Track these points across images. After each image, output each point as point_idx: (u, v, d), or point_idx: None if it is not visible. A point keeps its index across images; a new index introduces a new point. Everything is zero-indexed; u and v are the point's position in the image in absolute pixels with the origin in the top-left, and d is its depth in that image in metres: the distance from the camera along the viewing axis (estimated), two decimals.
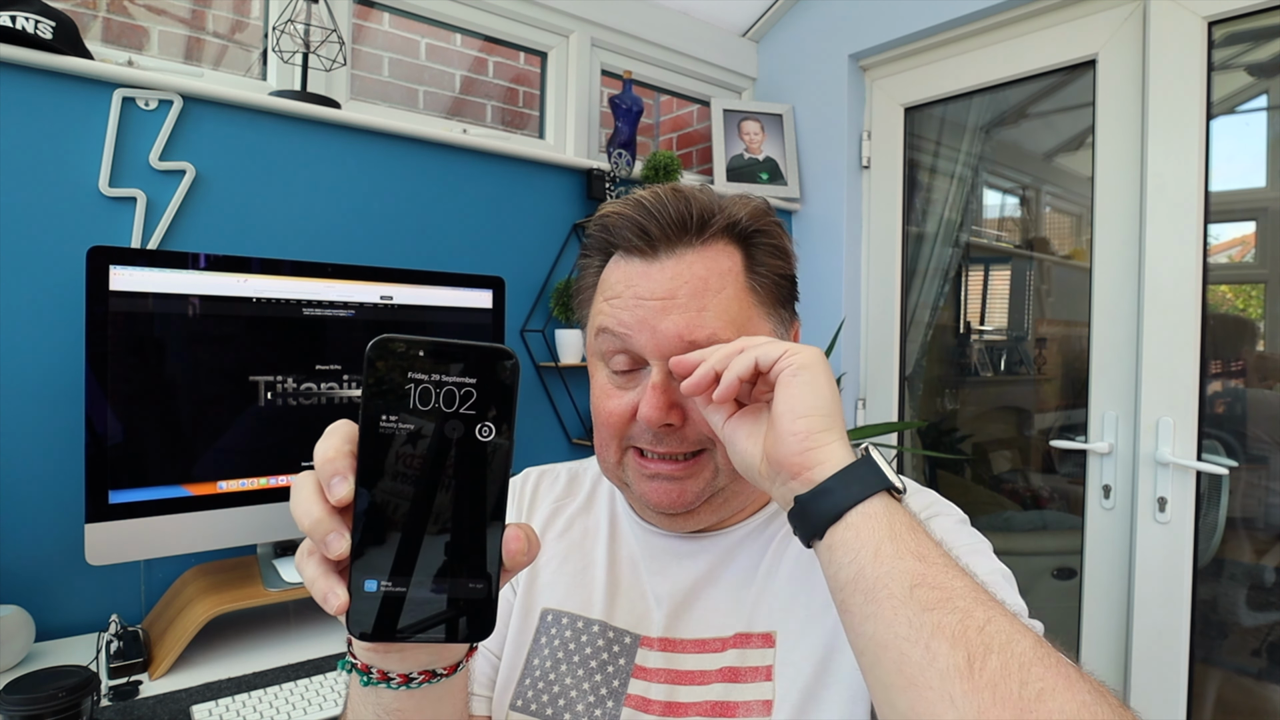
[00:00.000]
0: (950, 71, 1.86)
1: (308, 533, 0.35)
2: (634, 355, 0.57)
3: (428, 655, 0.40)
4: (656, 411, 0.55)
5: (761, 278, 0.59)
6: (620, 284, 0.58)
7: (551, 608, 0.65)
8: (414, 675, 0.40)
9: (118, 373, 1.02)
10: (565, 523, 0.69)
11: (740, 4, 2.13)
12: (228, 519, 1.10)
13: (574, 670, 0.60)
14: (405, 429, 0.34)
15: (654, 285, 0.56)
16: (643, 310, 0.56)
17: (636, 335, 0.56)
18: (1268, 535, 1.45)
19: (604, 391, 0.60)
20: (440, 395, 0.34)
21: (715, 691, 0.56)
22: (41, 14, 1.13)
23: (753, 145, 2.10)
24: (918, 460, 2.08)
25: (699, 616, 0.60)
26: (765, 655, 0.56)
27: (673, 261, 0.57)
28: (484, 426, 0.34)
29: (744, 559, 0.62)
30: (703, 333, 0.55)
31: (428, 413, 0.34)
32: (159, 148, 1.25)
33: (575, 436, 1.82)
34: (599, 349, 0.60)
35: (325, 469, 0.35)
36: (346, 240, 1.47)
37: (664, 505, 0.58)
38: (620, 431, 0.59)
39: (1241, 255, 1.49)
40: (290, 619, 1.21)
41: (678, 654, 0.59)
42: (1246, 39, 1.43)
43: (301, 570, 0.36)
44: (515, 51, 2.02)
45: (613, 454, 0.61)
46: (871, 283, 2.05)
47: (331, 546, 0.34)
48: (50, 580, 1.16)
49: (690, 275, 0.56)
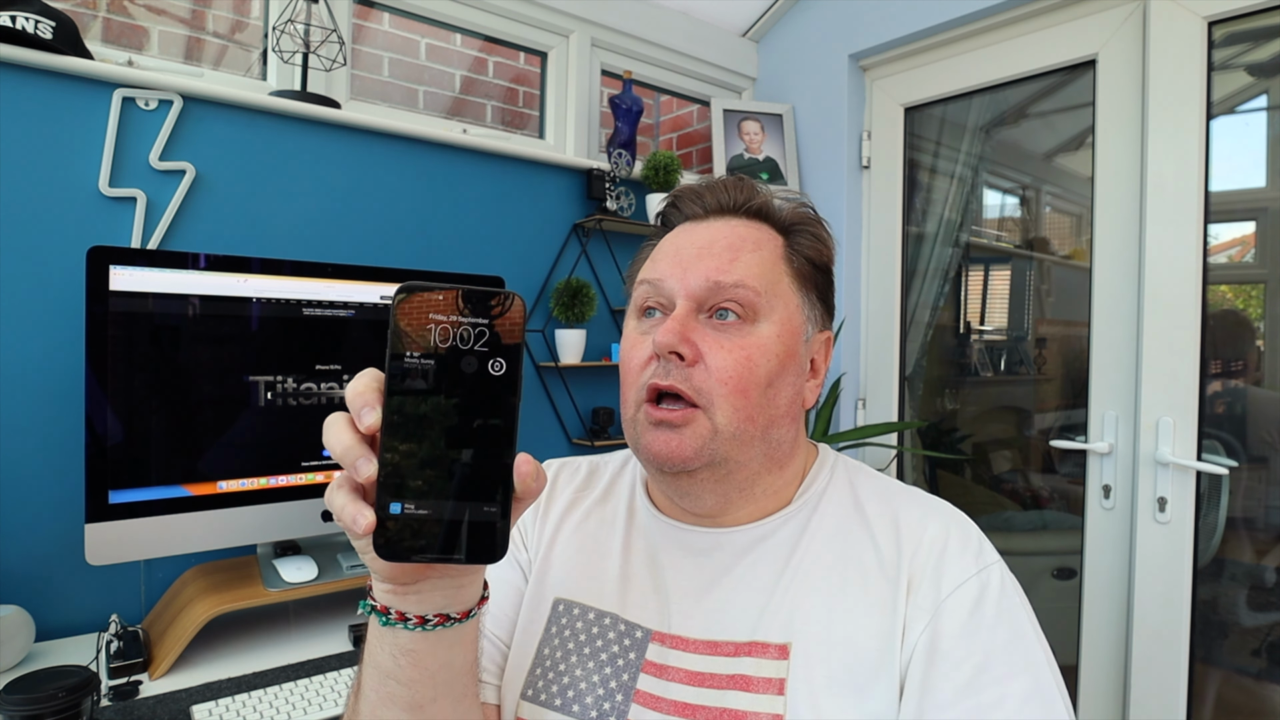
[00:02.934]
0: (950, 71, 1.86)
1: (340, 459, 0.38)
2: (665, 299, 0.61)
3: (442, 598, 0.43)
4: (670, 335, 0.56)
5: (798, 257, 0.64)
6: (668, 243, 0.64)
7: (564, 597, 0.64)
8: (429, 617, 0.43)
9: (118, 373, 1.02)
10: (582, 514, 0.69)
11: (740, 4, 2.13)
12: (228, 519, 1.10)
13: (584, 662, 0.60)
14: (426, 364, 0.37)
15: (696, 238, 0.62)
16: (680, 256, 0.61)
17: (669, 278, 0.60)
18: (1268, 535, 1.45)
19: (630, 341, 0.62)
20: (457, 334, 0.38)
21: (727, 699, 0.55)
22: (41, 14, 1.13)
23: (753, 145, 2.10)
24: (918, 460, 2.08)
25: (713, 615, 0.59)
26: (779, 668, 0.55)
27: (719, 223, 0.64)
28: (495, 361, 0.38)
29: (763, 561, 0.61)
30: (730, 277, 0.59)
31: (446, 350, 0.38)
32: (159, 148, 1.25)
33: (575, 436, 1.82)
34: (634, 302, 0.64)
35: (356, 401, 0.38)
36: (347, 240, 1.47)
37: (663, 457, 0.58)
38: (636, 377, 0.60)
39: (1241, 255, 1.49)
40: (290, 619, 1.21)
41: (688, 653, 0.58)
42: (1246, 39, 1.43)
43: (332, 501, 0.39)
44: (515, 51, 2.03)
45: (630, 405, 0.61)
46: (871, 283, 2.05)
47: (361, 469, 0.37)
48: (50, 580, 1.16)
49: (730, 233, 0.62)
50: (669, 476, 0.60)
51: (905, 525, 0.59)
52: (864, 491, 0.64)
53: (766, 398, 0.59)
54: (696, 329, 0.58)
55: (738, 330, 0.58)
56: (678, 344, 0.56)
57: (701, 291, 0.59)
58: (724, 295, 0.58)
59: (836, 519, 0.61)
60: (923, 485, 2.10)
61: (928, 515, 0.60)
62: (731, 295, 0.58)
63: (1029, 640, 0.53)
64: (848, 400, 2.06)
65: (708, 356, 0.57)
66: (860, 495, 0.63)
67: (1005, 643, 0.52)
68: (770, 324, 0.59)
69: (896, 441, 2.02)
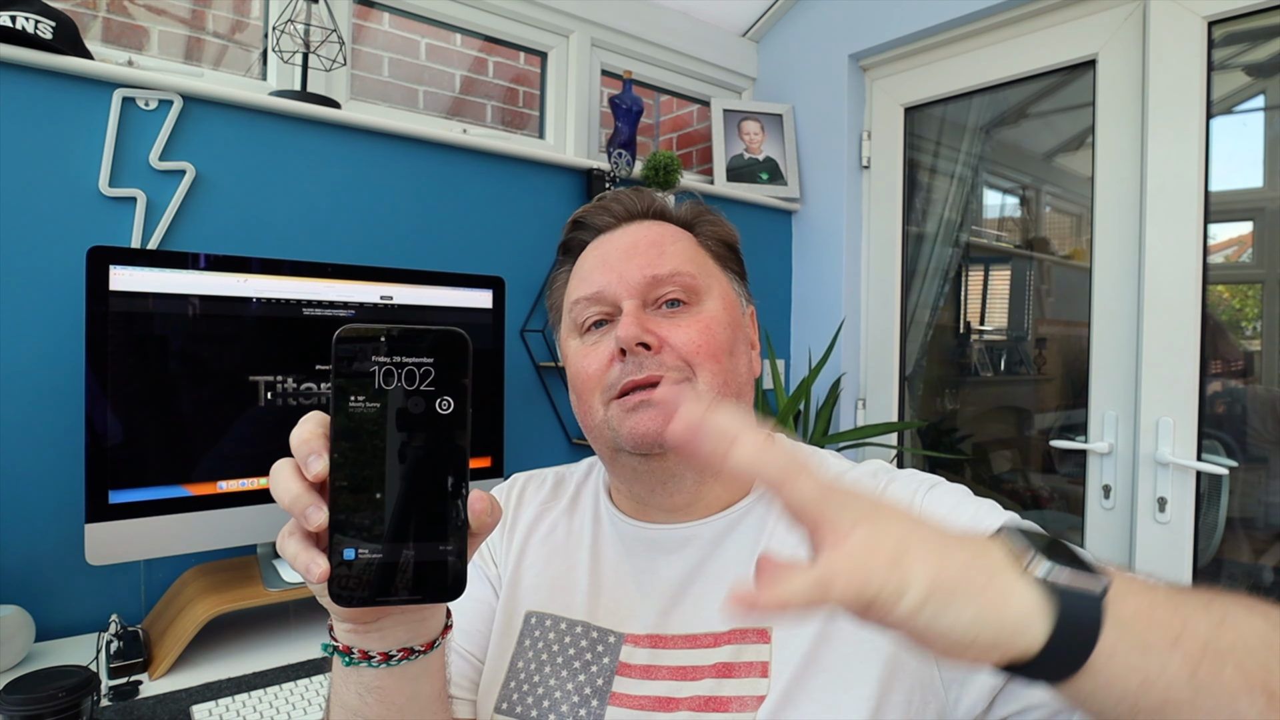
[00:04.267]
0: (950, 71, 1.86)
1: (288, 509, 0.38)
2: (608, 307, 0.63)
3: (405, 632, 0.43)
4: (632, 328, 0.58)
5: (710, 241, 0.69)
6: (588, 258, 0.67)
7: (535, 610, 0.65)
8: (393, 653, 0.42)
9: (118, 373, 1.02)
10: (549, 526, 0.70)
11: (740, 4, 2.13)
12: (228, 519, 1.10)
13: (557, 671, 0.60)
14: (372, 407, 0.37)
15: (618, 243, 0.65)
16: (609, 263, 0.64)
17: (607, 285, 0.62)
18: (1267, 535, 1.46)
19: (580, 354, 0.64)
20: (402, 375, 0.37)
21: (706, 686, 0.56)
22: (41, 14, 1.13)
23: (753, 145, 2.10)
24: (918, 460, 2.08)
25: (689, 611, 0.60)
26: (761, 651, 0.56)
27: (632, 228, 0.67)
28: (442, 400, 0.38)
29: (733, 549, 0.61)
30: (665, 268, 0.62)
31: (391, 391, 0.37)
32: (159, 148, 1.25)
33: (575, 436, 1.82)
34: (573, 320, 0.65)
35: (302, 449, 0.38)
36: (346, 240, 1.47)
37: (650, 435, 0.58)
38: (599, 381, 0.61)
39: (1238, 255, 1.49)
40: (290, 619, 1.21)
41: (667, 650, 0.59)
42: (1244, 39, 1.43)
43: (283, 549, 0.38)
44: (515, 51, 2.03)
45: (598, 409, 0.62)
46: (871, 283, 2.05)
47: (311, 518, 0.37)
48: (50, 580, 1.16)
49: (648, 233, 0.66)
50: (654, 460, 0.60)
51: (858, 483, 0.62)
52: (825, 467, 0.67)
53: (732, 364, 0.62)
54: (651, 320, 0.61)
55: (688, 312, 0.62)
56: (642, 334, 0.59)
57: (642, 286, 0.62)
58: (665, 285, 0.62)
59: None
60: None
61: (869, 476, 0.64)
62: (672, 283, 0.62)
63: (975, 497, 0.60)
64: (848, 400, 2.06)
65: (670, 338, 0.60)
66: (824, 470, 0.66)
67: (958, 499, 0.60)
68: (713, 300, 0.64)
69: (896, 441, 2.02)
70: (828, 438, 1.87)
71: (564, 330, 0.68)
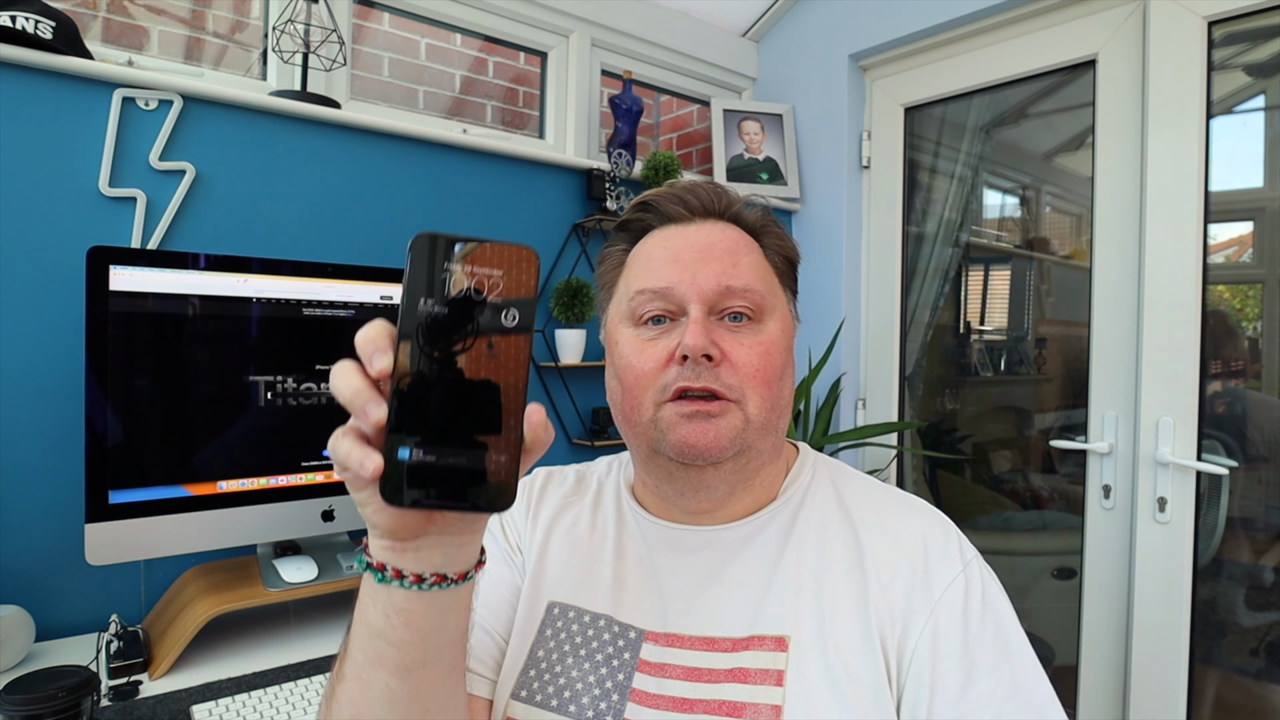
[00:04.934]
0: (950, 71, 1.86)
1: (348, 403, 0.38)
2: (674, 305, 0.61)
3: (441, 556, 0.42)
4: (700, 339, 0.58)
5: (775, 257, 0.67)
6: (657, 248, 0.64)
7: (558, 600, 0.65)
8: (426, 576, 0.42)
9: (118, 373, 1.02)
10: (573, 519, 0.70)
11: (740, 4, 2.13)
12: (228, 519, 1.10)
13: (580, 663, 0.61)
14: (439, 312, 0.37)
15: (692, 241, 0.63)
16: (682, 261, 0.62)
17: (678, 284, 0.61)
18: (1267, 535, 1.45)
19: (635, 347, 0.62)
20: (472, 283, 0.37)
21: (725, 691, 0.56)
22: (41, 14, 1.13)
23: (753, 145, 2.10)
24: (917, 460, 2.08)
25: (708, 613, 0.60)
26: (777, 659, 0.56)
27: (708, 225, 0.65)
28: (509, 312, 0.38)
29: (755, 556, 0.62)
30: (739, 281, 0.61)
31: (459, 298, 0.37)
32: (159, 148, 1.25)
33: (575, 436, 1.82)
34: (632, 310, 0.63)
35: (367, 346, 0.38)
36: (347, 240, 1.47)
37: (700, 447, 0.58)
38: (653, 380, 0.60)
39: (1238, 255, 1.49)
40: (290, 619, 1.21)
41: (684, 650, 0.59)
42: (1244, 39, 1.43)
43: (336, 449, 0.38)
44: (515, 51, 2.03)
45: (647, 408, 0.61)
46: (871, 283, 2.05)
47: (370, 413, 0.37)
48: (50, 580, 1.16)
49: (724, 236, 0.64)
50: (692, 469, 0.61)
51: (888, 524, 0.62)
52: (845, 489, 0.67)
53: (781, 389, 0.62)
54: (715, 331, 0.60)
55: (751, 330, 0.61)
56: (709, 346, 0.58)
57: (714, 294, 0.60)
58: (735, 298, 0.61)
59: (822, 516, 0.64)
60: (923, 485, 2.10)
61: (908, 515, 0.63)
62: (742, 298, 0.61)
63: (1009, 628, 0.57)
64: (848, 400, 2.06)
65: (731, 354, 0.59)
66: (843, 493, 0.66)
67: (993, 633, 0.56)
68: (774, 322, 0.63)
69: (896, 441, 2.02)
70: (828, 438, 1.87)
71: (615, 314, 0.66)
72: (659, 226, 0.66)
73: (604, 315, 0.69)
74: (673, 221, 0.66)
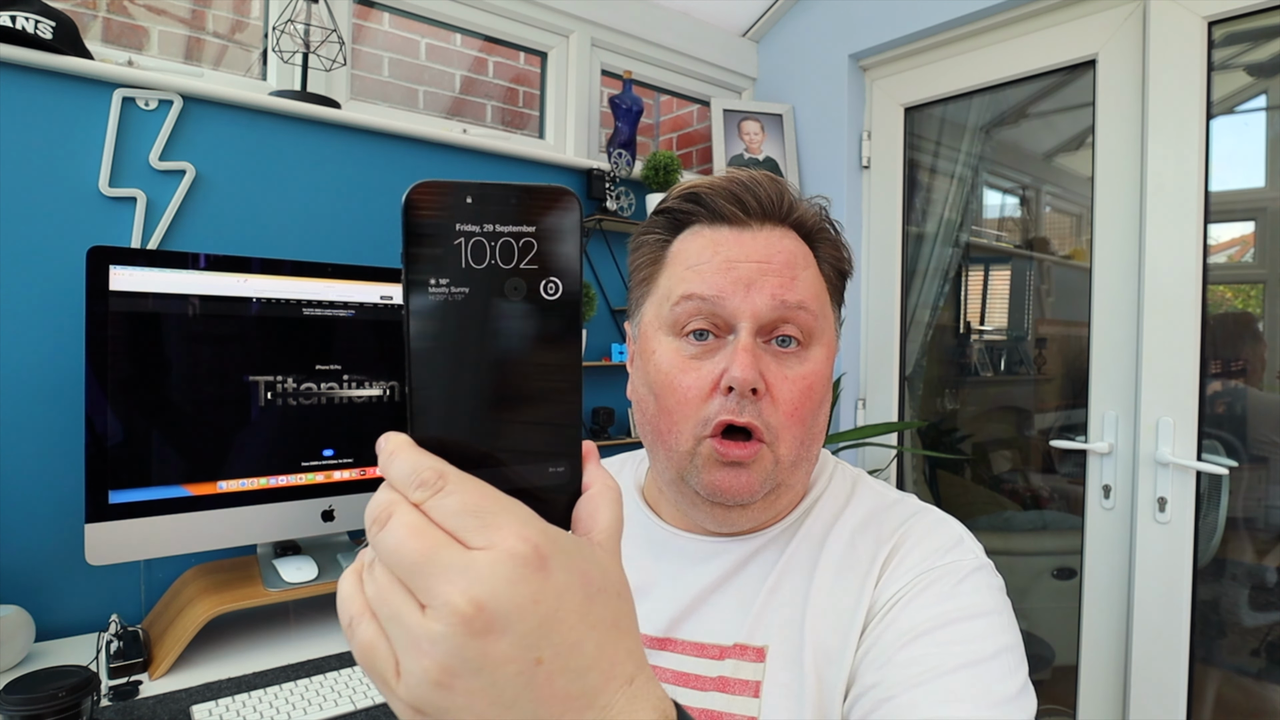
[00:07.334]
0: (950, 71, 1.86)
1: None
2: (720, 320, 0.57)
3: None
4: (749, 371, 0.54)
5: (827, 268, 0.62)
6: (707, 250, 0.58)
7: None
8: None
9: (118, 373, 1.02)
10: None
11: (740, 4, 2.13)
12: (228, 519, 1.10)
13: None
14: (459, 293, 0.27)
15: (748, 250, 0.57)
16: (736, 273, 0.56)
17: (729, 297, 0.56)
18: (1268, 535, 1.45)
19: (678, 365, 0.57)
20: (496, 249, 0.27)
21: (709, 700, 0.56)
22: (41, 14, 1.13)
23: (753, 145, 2.10)
24: (918, 460, 2.08)
25: (703, 621, 0.60)
26: (755, 670, 0.56)
27: (765, 232, 0.59)
28: (549, 283, 0.28)
29: (756, 568, 0.61)
30: (794, 297, 0.56)
31: (483, 271, 0.27)
32: (159, 148, 1.25)
33: None
34: (674, 318, 0.58)
35: None
36: (346, 240, 1.47)
37: (731, 493, 0.56)
38: (696, 410, 0.56)
39: (1240, 255, 1.49)
40: (290, 619, 1.21)
41: (674, 654, 0.59)
42: (1245, 39, 1.43)
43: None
44: (515, 51, 2.02)
45: (685, 439, 0.57)
46: (871, 283, 2.04)
47: None
48: (50, 580, 1.16)
49: (782, 247, 0.58)
50: (719, 506, 0.59)
51: (888, 525, 0.60)
52: (858, 496, 0.64)
53: (817, 420, 0.59)
54: (763, 359, 0.56)
55: (797, 358, 0.57)
56: (756, 380, 0.54)
57: (768, 313, 0.56)
58: (788, 319, 0.57)
59: (832, 526, 0.62)
60: (923, 485, 2.10)
61: (916, 518, 0.60)
62: (794, 319, 0.57)
63: (986, 621, 0.51)
64: (848, 400, 2.06)
65: (774, 388, 0.56)
66: (856, 501, 0.64)
67: (959, 616, 0.51)
68: (820, 346, 0.59)
69: (896, 441, 2.01)
70: (828, 438, 1.87)
71: (652, 315, 0.61)
72: (708, 223, 0.60)
73: (637, 310, 0.64)
74: (726, 222, 0.59)
